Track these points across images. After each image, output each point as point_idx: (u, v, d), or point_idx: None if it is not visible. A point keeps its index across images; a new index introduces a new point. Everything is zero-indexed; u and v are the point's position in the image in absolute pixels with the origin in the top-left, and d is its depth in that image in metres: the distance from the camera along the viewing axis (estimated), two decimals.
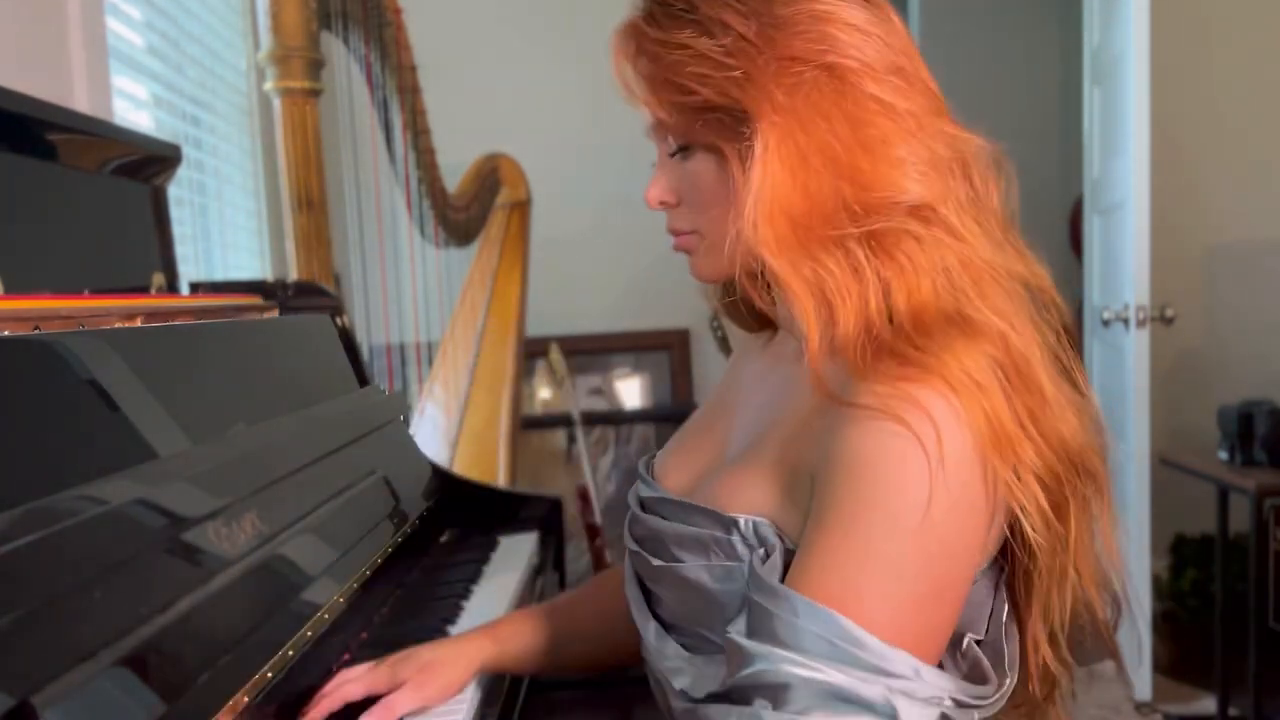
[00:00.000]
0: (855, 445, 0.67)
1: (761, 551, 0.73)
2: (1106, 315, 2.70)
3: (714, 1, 0.74)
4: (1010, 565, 0.76)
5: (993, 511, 0.69)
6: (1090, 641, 0.83)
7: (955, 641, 0.73)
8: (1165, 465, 2.56)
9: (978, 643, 0.74)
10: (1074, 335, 0.80)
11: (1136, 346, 2.54)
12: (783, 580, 0.70)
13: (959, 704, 0.69)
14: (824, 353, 0.71)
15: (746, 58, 0.72)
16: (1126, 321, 2.57)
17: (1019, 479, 0.69)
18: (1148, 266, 2.53)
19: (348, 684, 0.90)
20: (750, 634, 0.68)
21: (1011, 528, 0.72)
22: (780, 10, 0.73)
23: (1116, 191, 2.74)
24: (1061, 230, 4.21)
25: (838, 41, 0.73)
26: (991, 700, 0.72)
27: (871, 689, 0.64)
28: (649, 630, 0.84)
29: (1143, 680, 2.57)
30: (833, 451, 0.69)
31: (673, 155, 0.81)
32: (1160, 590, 3.01)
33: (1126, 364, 2.60)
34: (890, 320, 0.71)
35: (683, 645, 0.81)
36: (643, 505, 0.87)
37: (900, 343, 0.69)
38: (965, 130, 0.78)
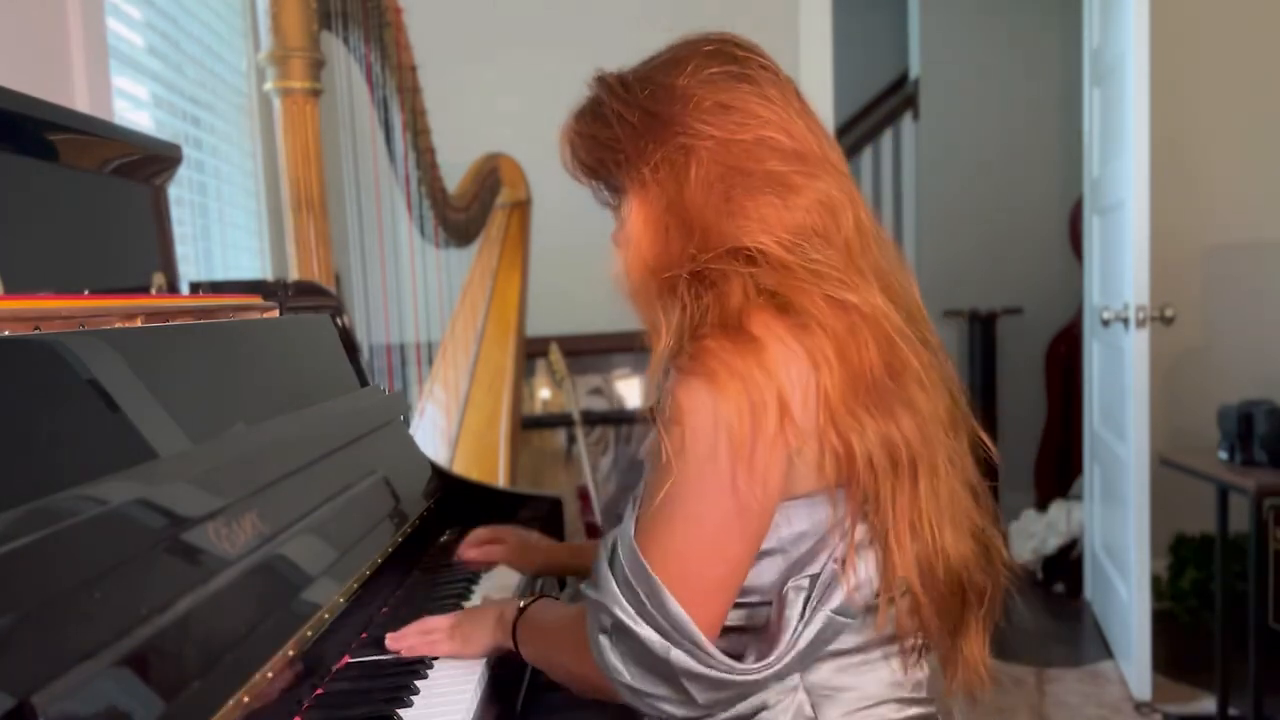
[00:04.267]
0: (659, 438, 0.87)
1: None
2: (1106, 315, 2.70)
3: (615, 98, 0.94)
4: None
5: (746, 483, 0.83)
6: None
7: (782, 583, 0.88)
8: (1165, 465, 2.56)
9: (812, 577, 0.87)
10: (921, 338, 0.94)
11: (1136, 346, 2.54)
12: None
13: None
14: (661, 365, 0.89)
15: (631, 141, 0.93)
16: (1126, 321, 2.57)
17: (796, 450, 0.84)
18: (1148, 266, 2.53)
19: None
20: (610, 562, 0.88)
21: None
22: (660, 104, 0.92)
23: (1116, 191, 2.74)
24: (1061, 230, 4.21)
25: (694, 125, 0.90)
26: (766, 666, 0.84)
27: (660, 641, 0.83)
28: None
29: (1143, 680, 2.57)
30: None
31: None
32: (1160, 590, 3.02)
33: (1126, 364, 2.60)
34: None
35: None
36: None
37: (685, 356, 0.85)
38: (825, 179, 0.92)
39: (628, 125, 0.93)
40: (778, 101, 0.93)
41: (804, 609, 0.86)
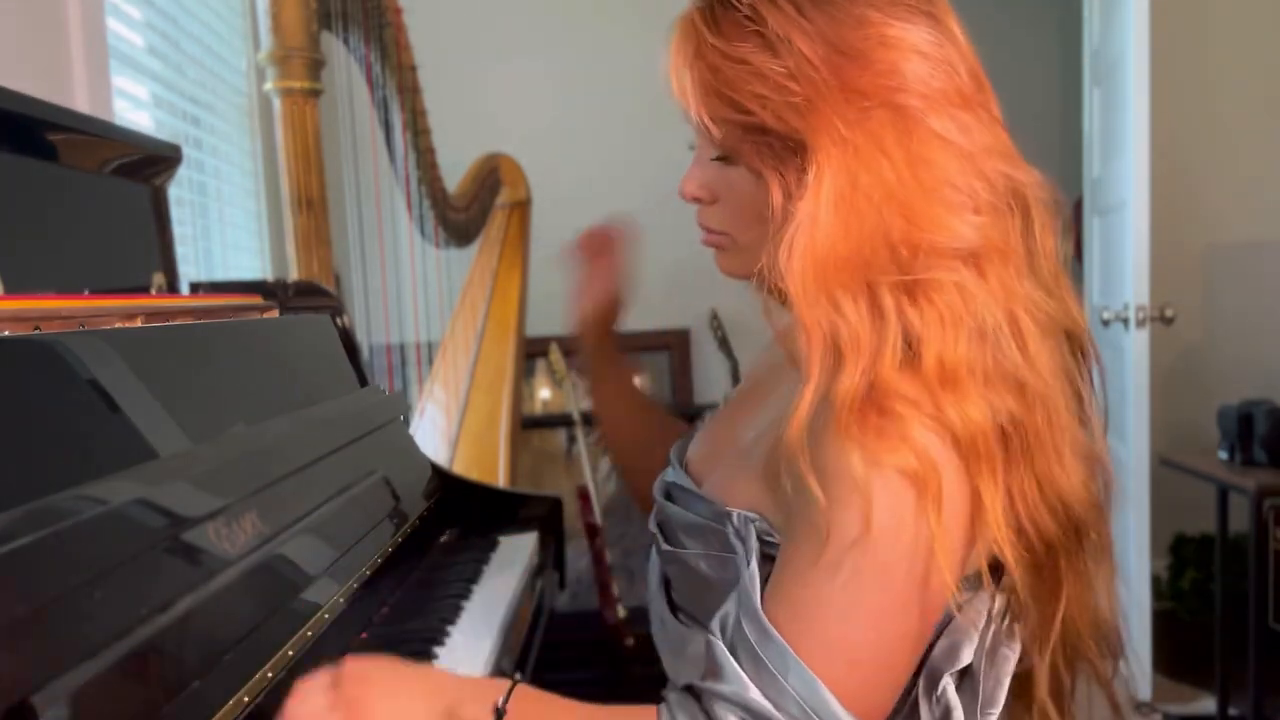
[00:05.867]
0: (829, 506, 0.66)
1: (751, 546, 0.73)
2: (1106, 315, 2.70)
3: (781, 16, 0.69)
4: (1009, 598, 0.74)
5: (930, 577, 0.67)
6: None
7: (932, 683, 0.72)
8: (1165, 465, 2.56)
9: (961, 674, 0.73)
10: (1093, 377, 0.78)
11: (1136, 346, 2.54)
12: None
13: None
14: (818, 400, 0.67)
15: (810, 84, 0.68)
16: (1126, 321, 2.57)
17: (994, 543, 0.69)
18: (1147, 266, 2.53)
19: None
20: (734, 652, 0.67)
21: (995, 569, 0.72)
22: (849, 35, 0.69)
23: (1116, 192, 2.74)
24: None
25: (906, 75, 0.69)
26: None
27: None
28: (658, 610, 0.86)
29: (1143, 680, 2.57)
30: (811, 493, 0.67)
31: (713, 158, 0.78)
32: (1160, 590, 3.01)
33: (1126, 364, 2.60)
34: (910, 368, 0.67)
35: (682, 624, 0.83)
36: (667, 491, 0.88)
37: (872, 421, 0.65)
38: (1026, 166, 0.74)
39: (805, 59, 0.68)
40: (969, 53, 0.73)
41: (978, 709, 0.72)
